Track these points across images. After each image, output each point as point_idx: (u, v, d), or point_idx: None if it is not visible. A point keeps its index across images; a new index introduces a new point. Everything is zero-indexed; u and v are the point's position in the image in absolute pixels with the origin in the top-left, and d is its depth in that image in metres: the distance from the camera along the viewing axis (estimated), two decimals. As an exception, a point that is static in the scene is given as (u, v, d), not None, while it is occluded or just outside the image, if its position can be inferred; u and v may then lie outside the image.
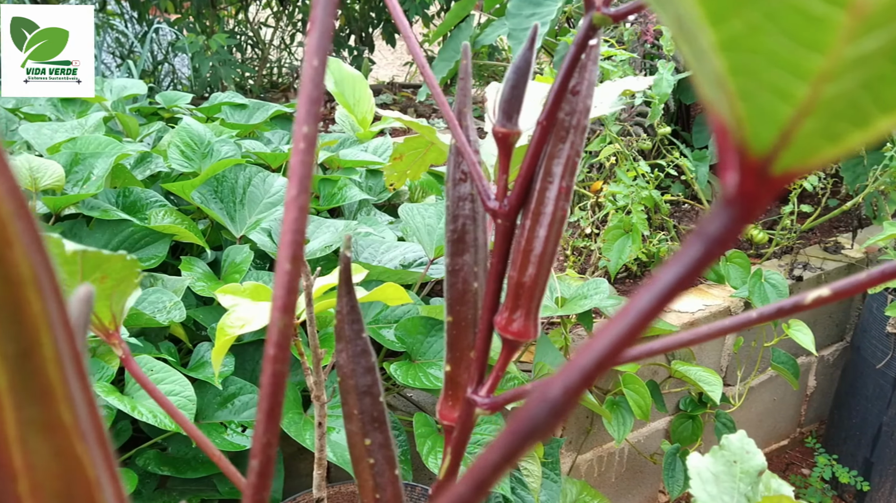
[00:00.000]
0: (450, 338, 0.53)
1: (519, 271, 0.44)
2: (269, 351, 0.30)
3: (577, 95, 0.46)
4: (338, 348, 0.55)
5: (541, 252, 0.44)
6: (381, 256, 1.52)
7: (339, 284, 0.56)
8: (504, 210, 0.42)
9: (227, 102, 1.96)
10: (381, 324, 1.38)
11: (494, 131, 0.44)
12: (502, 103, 0.44)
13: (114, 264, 0.47)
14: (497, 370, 0.47)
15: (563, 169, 0.45)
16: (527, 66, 0.45)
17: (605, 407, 1.55)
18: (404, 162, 0.78)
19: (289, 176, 0.29)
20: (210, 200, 1.46)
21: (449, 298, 0.53)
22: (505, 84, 0.45)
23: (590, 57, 0.47)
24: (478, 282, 0.52)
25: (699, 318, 1.78)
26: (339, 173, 1.82)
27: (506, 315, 0.44)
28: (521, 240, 0.42)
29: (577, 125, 0.46)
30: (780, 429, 2.16)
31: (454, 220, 0.52)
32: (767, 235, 2.04)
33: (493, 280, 0.47)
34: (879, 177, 1.91)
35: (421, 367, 1.32)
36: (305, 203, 0.31)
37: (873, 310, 1.92)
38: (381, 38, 3.86)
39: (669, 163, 1.96)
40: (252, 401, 1.24)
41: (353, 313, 0.55)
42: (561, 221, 0.45)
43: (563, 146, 0.45)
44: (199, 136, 1.62)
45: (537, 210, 0.43)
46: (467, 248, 0.51)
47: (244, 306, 0.83)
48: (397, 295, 0.91)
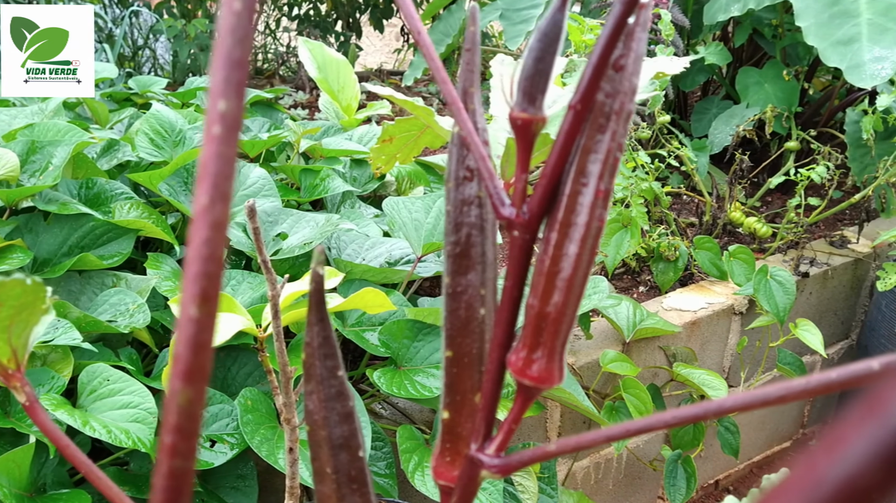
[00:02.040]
0: (449, 379, 0.43)
1: (541, 299, 0.33)
2: (165, 439, 0.21)
3: (620, 72, 0.35)
4: (307, 390, 0.45)
5: (570, 275, 0.33)
6: (365, 253, 1.42)
7: (309, 310, 0.46)
8: (523, 219, 0.33)
9: (202, 87, 1.85)
10: (364, 326, 1.28)
11: (513, 117, 0.33)
12: (524, 80, 0.34)
13: (10, 290, 0.37)
14: (510, 422, 0.38)
15: (601, 167, 0.35)
16: (557, 31, 0.35)
17: (604, 412, 1.46)
18: (394, 145, 0.68)
19: (197, 177, 0.20)
20: (180, 192, 1.36)
21: (448, 328, 0.43)
22: (527, 55, 0.35)
23: (639, 21, 0.37)
24: (485, 309, 0.42)
25: (701, 317, 1.69)
26: (321, 163, 1.72)
27: (523, 354, 0.34)
28: (545, 258, 0.33)
29: (621, 110, 0.36)
30: (783, 431, 2.07)
31: (456, 230, 0.42)
32: (771, 229, 1.95)
33: (507, 308, 0.37)
34: (890, 167, 1.82)
35: (407, 375, 1.22)
36: (222, 217, 0.21)
37: (882, 308, 1.83)
38: (370, 24, 3.75)
39: (670, 152, 1.86)
40: (223, 412, 1.14)
41: (326, 346, 0.45)
42: (597, 235, 0.35)
43: (601, 137, 0.35)
44: (169, 123, 1.52)
45: (567, 220, 0.33)
46: (473, 266, 0.41)
47: (203, 317, 0.73)
48: (378, 301, 0.81)
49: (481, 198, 0.41)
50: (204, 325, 0.20)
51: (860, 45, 1.82)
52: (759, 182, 2.23)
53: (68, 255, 1.25)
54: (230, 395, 1.17)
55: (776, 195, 2.26)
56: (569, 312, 0.36)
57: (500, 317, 0.35)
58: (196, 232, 0.21)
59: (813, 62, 2.28)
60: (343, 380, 0.44)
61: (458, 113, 0.36)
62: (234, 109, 0.22)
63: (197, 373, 0.20)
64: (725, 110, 2.23)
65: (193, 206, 0.21)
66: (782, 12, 2.22)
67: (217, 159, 0.21)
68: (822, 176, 1.77)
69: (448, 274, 0.41)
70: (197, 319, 0.20)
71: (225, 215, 0.22)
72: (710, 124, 2.24)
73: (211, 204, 0.21)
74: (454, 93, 0.37)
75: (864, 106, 1.93)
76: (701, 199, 2.08)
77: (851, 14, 1.86)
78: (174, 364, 0.20)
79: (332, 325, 0.44)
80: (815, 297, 1.93)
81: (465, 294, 0.40)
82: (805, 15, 1.87)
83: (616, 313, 1.55)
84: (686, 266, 1.81)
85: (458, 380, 0.42)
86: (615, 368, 1.45)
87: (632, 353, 1.60)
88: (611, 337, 1.60)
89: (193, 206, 0.21)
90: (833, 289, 1.97)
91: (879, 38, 1.81)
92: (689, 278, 1.86)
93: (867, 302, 2.03)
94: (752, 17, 2.21)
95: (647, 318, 1.57)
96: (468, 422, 0.42)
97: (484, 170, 0.36)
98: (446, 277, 0.41)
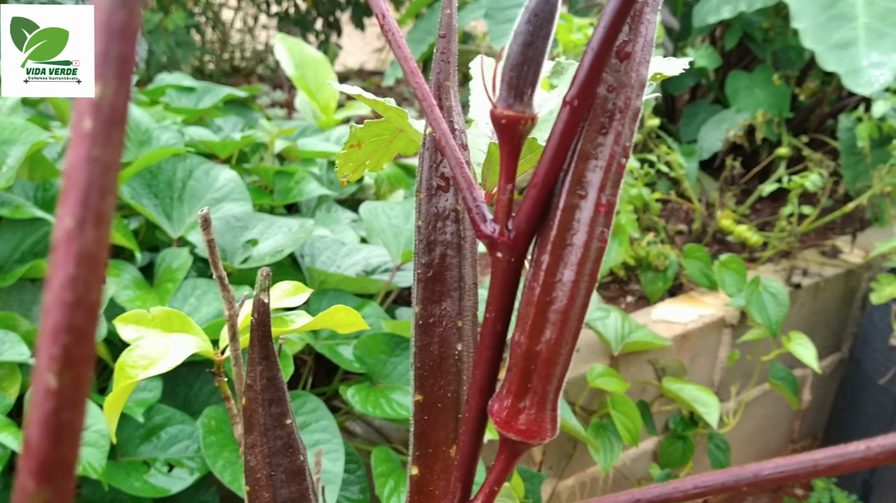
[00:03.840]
0: (419, 427, 0.37)
1: (530, 334, 0.28)
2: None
3: (626, 60, 0.29)
4: (248, 442, 0.38)
5: (565, 306, 0.27)
6: (340, 261, 1.34)
7: (252, 346, 0.39)
8: (508, 238, 0.27)
9: (172, 85, 1.77)
10: (337, 340, 1.21)
11: (497, 115, 0.26)
12: (509, 70, 0.27)
13: None
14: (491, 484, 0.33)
15: (602, 176, 0.28)
16: (550, 11, 0.27)
17: (591, 430, 1.39)
18: (363, 150, 0.61)
19: (62, 190, 0.15)
20: (143, 195, 1.27)
21: (419, 367, 0.36)
22: (514, 41, 0.27)
23: (649, 0, 0.30)
24: (463, 344, 0.36)
25: (692, 330, 1.63)
26: (297, 165, 1.64)
27: (508, 402, 0.29)
28: (536, 285, 0.28)
29: (626, 107, 0.29)
30: (772, 446, 2.02)
31: (428, 250, 0.35)
32: (762, 238, 1.89)
33: (489, 344, 0.30)
34: (885, 176, 1.76)
35: (383, 392, 1.15)
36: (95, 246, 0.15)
37: (875, 321, 1.78)
38: (351, 23, 3.67)
39: (659, 157, 1.80)
40: (183, 433, 1.06)
41: (271, 389, 0.38)
42: (598, 258, 0.28)
43: (603, 140, 0.28)
44: (135, 121, 1.43)
45: (561, 239, 0.27)
46: (447, 292, 0.35)
47: (151, 340, 0.65)
48: (350, 320, 0.73)
49: (458, 211, 0.35)
50: (69, 401, 0.14)
51: (857, 49, 1.77)
52: (748, 189, 2.17)
53: (20, 262, 1.16)
54: (192, 415, 1.09)
55: (766, 202, 2.20)
56: (563, 352, 0.30)
57: (481, 355, 0.30)
58: (58, 268, 0.16)
59: (804, 67, 2.23)
60: (292, 429, 0.37)
61: (430, 111, 0.29)
62: (114, 96, 0.16)
63: (59, 469, 0.14)
64: (714, 115, 2.17)
65: (55, 230, 0.15)
66: (774, 16, 2.16)
67: (89, 166, 0.15)
68: (815, 184, 1.71)
69: (419, 301, 0.35)
70: (58, 392, 0.14)
71: (100, 244, 0.16)
72: (698, 129, 2.18)
73: (79, 228, 0.15)
74: (426, 87, 0.30)
75: (859, 113, 1.88)
76: (690, 205, 2.02)
77: (848, 17, 1.81)
78: (25, 455, 0.14)
79: (278, 364, 0.37)
80: (807, 309, 1.87)
81: (439, 326, 0.33)
82: (802, 17, 1.82)
83: (604, 325, 1.48)
84: (675, 276, 1.75)
85: (430, 429, 0.36)
86: (603, 384, 1.39)
87: (620, 367, 1.53)
88: (598, 350, 1.53)
89: (55, 230, 0.15)
90: (825, 301, 1.92)
91: (877, 42, 1.76)
92: (678, 288, 1.80)
93: (859, 314, 1.98)
94: (742, 20, 2.16)
95: (636, 331, 1.50)
96: (441, 481, 0.36)
97: (461, 178, 0.29)
98: (417, 306, 0.35)
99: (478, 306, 0.36)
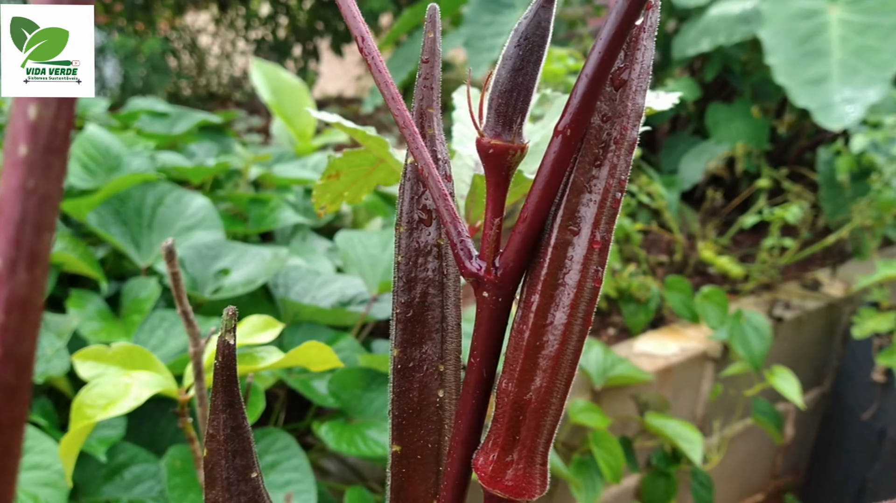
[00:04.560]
0: (396, 481, 0.33)
1: (519, 381, 0.26)
2: None
3: (622, 88, 0.26)
4: (208, 498, 0.34)
5: (556, 351, 0.25)
6: (315, 291, 1.30)
7: (215, 391, 0.35)
8: (494, 276, 0.25)
9: (145, 110, 1.73)
10: (311, 374, 1.16)
11: (483, 145, 0.24)
12: (497, 97, 0.24)
13: None
14: None
15: (596, 211, 0.26)
16: (541, 35, 0.25)
17: (573, 468, 1.35)
18: (341, 181, 0.57)
19: None
20: (110, 223, 1.23)
21: (397, 415, 0.33)
22: (502, 66, 0.25)
23: (645, 25, 0.28)
24: (445, 391, 0.33)
25: (674, 364, 1.60)
26: (272, 192, 1.60)
27: (494, 455, 0.26)
28: (525, 328, 0.26)
29: (622, 138, 0.26)
30: (755, 482, 1.99)
31: (409, 288, 0.32)
32: (744, 270, 1.88)
33: (473, 391, 0.28)
34: (864, 210, 1.76)
35: (358, 429, 1.10)
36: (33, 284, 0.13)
37: (857, 356, 1.76)
38: (330, 50, 3.65)
39: (640, 188, 1.78)
40: (147, 473, 1.01)
41: (236, 439, 0.34)
42: (591, 299, 0.26)
43: (597, 173, 0.26)
44: (105, 147, 1.39)
45: (552, 279, 0.25)
46: (428, 334, 0.31)
47: (111, 378, 0.61)
48: (322, 357, 0.69)
49: (441, 246, 0.32)
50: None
51: (830, 85, 1.77)
52: (729, 220, 2.16)
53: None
54: (158, 453, 1.04)
55: (747, 233, 2.19)
56: (554, 401, 0.28)
57: (465, 403, 0.28)
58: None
59: (783, 100, 2.24)
60: (257, 484, 0.33)
61: (412, 139, 0.26)
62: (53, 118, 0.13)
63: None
64: (695, 146, 2.17)
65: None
66: (752, 49, 2.17)
67: (23, 198, 0.13)
68: (796, 216, 1.70)
69: (398, 344, 0.32)
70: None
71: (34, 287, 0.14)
72: (679, 159, 2.17)
73: (9, 270, 0.12)
74: (407, 114, 0.27)
75: (837, 146, 1.88)
76: (671, 236, 2.00)
77: (823, 53, 1.81)
78: None
79: (244, 411, 0.33)
80: (790, 343, 1.86)
81: (419, 371, 0.30)
82: (776, 52, 1.82)
83: (586, 359, 1.45)
84: (657, 308, 1.73)
85: (409, 483, 0.33)
86: (585, 419, 1.35)
87: (601, 401, 1.50)
88: (579, 383, 1.50)
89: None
90: (807, 335, 1.90)
91: (850, 78, 1.76)
92: (660, 320, 1.77)
93: (841, 348, 1.97)
94: (721, 52, 2.16)
95: (618, 364, 1.47)
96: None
97: (445, 211, 0.26)
98: (395, 348, 0.32)
99: (461, 349, 0.33)
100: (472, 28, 1.94)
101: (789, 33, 1.83)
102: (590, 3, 2.22)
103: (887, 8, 1.81)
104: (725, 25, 1.97)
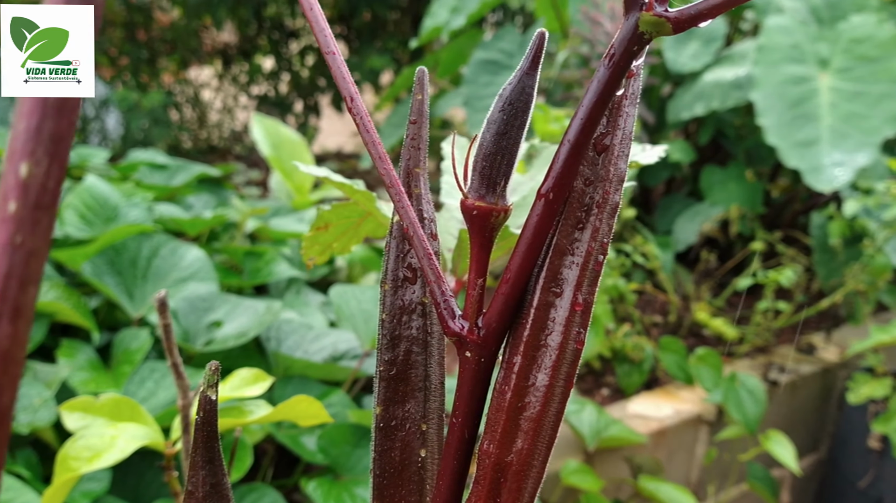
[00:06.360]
0: None
1: (500, 443, 0.26)
2: None
3: (605, 153, 0.27)
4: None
5: (538, 412, 0.25)
6: (308, 345, 1.29)
7: (195, 447, 0.35)
8: (477, 336, 0.26)
9: (145, 161, 1.74)
10: (301, 429, 1.15)
11: (467, 206, 0.24)
12: (482, 160, 0.25)
13: None
14: None
15: (578, 273, 0.27)
16: (525, 100, 0.25)
17: (564, 531, 1.33)
18: (330, 233, 0.58)
19: None
20: (105, 273, 1.23)
21: (378, 474, 0.33)
22: (487, 129, 0.25)
23: (627, 93, 0.28)
24: (427, 450, 0.33)
25: (668, 426, 1.59)
26: (268, 245, 1.61)
27: None
28: (507, 389, 0.26)
29: (604, 202, 0.27)
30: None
31: (392, 346, 0.32)
32: (738, 332, 1.87)
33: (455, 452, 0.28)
34: (858, 274, 1.77)
35: (347, 486, 1.09)
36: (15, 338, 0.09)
37: (853, 422, 1.75)
38: (331, 106, 3.70)
39: (635, 248, 1.79)
40: (131, 529, 0.99)
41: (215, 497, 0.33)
42: (573, 361, 0.26)
43: (580, 236, 0.26)
44: (103, 197, 1.40)
45: (535, 340, 0.25)
46: (411, 393, 0.31)
47: (97, 430, 0.60)
48: (311, 412, 0.69)
49: (425, 305, 0.32)
50: None
51: (820, 148, 1.80)
52: (724, 282, 2.17)
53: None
54: (142, 508, 1.02)
55: (741, 295, 2.19)
56: (536, 463, 0.28)
57: (446, 464, 0.27)
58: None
59: (776, 164, 2.26)
60: None
61: (398, 198, 0.26)
62: (44, 176, 0.13)
63: None
64: (689, 208, 2.19)
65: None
66: (745, 114, 2.21)
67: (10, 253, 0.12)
68: (790, 280, 1.71)
69: (380, 402, 0.32)
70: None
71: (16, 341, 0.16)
72: (673, 221, 2.19)
73: None
74: (394, 173, 0.28)
75: (830, 211, 1.90)
76: (665, 297, 2.00)
77: (813, 117, 1.85)
78: None
79: (224, 468, 0.33)
80: (785, 407, 1.84)
81: (402, 430, 0.30)
82: (767, 113, 1.85)
83: (579, 419, 1.44)
84: (651, 369, 1.72)
85: None
86: (577, 481, 1.33)
87: (594, 463, 1.48)
88: (572, 444, 1.48)
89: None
90: (802, 399, 1.89)
91: (840, 142, 1.79)
92: (654, 381, 1.76)
93: (836, 413, 1.95)
94: (715, 117, 2.20)
95: (612, 426, 1.46)
96: None
97: (429, 270, 0.27)
98: (378, 406, 0.32)
99: (444, 408, 0.33)
100: (471, 88, 1.97)
101: (781, 96, 1.86)
102: (587, 66, 2.27)
103: (876, 77, 1.84)
104: (719, 91, 2.01)
